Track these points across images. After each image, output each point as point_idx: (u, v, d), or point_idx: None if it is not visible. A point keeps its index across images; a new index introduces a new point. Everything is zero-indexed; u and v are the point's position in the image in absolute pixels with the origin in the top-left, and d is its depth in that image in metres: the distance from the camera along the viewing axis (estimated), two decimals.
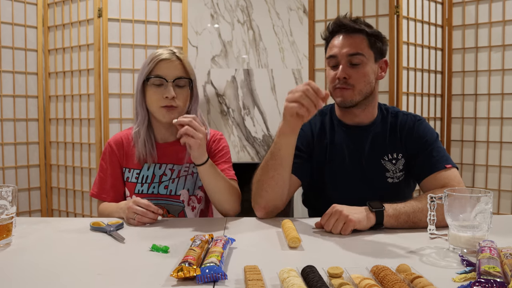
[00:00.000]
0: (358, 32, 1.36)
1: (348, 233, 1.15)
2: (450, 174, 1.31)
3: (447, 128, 2.69)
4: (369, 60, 1.36)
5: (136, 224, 1.26)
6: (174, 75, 1.37)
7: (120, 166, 1.48)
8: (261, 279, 0.79)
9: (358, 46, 1.35)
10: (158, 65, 1.37)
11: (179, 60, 1.39)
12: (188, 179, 1.46)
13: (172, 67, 1.37)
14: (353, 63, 1.35)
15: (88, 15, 2.61)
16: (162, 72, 1.36)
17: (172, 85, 1.36)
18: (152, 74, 1.36)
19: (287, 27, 3.36)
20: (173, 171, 1.45)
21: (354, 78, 1.35)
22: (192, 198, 1.46)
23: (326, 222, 1.17)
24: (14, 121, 2.69)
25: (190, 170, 1.47)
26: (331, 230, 1.16)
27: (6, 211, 1.05)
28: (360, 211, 1.18)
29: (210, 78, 3.35)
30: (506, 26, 2.46)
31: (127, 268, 0.92)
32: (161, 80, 1.36)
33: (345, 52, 1.35)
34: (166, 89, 1.36)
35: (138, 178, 1.45)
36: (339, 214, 1.15)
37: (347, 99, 1.37)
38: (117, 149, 1.48)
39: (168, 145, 1.47)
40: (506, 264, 0.82)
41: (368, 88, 1.37)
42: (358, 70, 1.35)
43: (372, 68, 1.38)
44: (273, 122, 3.37)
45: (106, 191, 1.47)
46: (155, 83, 1.37)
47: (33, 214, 2.78)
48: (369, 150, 1.41)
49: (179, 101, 1.38)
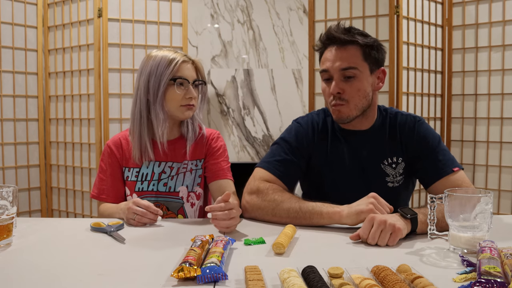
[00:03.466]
0: (351, 44, 1.31)
1: (395, 244, 1.06)
2: (458, 178, 1.31)
3: (447, 128, 2.69)
4: (363, 72, 1.31)
5: (136, 224, 1.26)
6: (193, 77, 1.44)
7: (120, 167, 1.50)
8: (262, 279, 0.79)
9: (350, 59, 1.30)
10: (181, 66, 1.42)
11: (193, 63, 1.46)
12: (187, 176, 1.48)
13: (190, 69, 1.44)
14: (346, 76, 1.31)
15: (88, 15, 2.61)
16: (184, 74, 1.42)
17: (192, 86, 1.43)
18: (176, 75, 1.41)
19: (287, 27, 3.36)
20: (172, 169, 1.47)
21: (348, 93, 1.31)
22: (191, 195, 1.48)
23: (370, 235, 1.06)
24: (14, 121, 2.68)
25: (189, 167, 1.49)
26: (377, 243, 1.05)
27: (7, 211, 1.05)
28: (398, 218, 1.09)
29: (210, 78, 3.35)
30: (506, 26, 2.46)
31: (128, 268, 0.92)
32: (184, 81, 1.42)
33: (338, 66, 1.30)
34: (188, 90, 1.42)
35: (137, 176, 1.47)
36: (384, 224, 1.05)
37: (343, 116, 1.35)
38: (116, 150, 1.50)
39: (169, 143, 1.49)
40: (506, 264, 0.82)
41: (365, 102, 1.34)
42: (352, 84, 1.31)
43: (368, 81, 1.33)
44: (273, 122, 3.38)
45: (106, 192, 1.48)
46: (179, 84, 1.42)
47: (33, 214, 2.78)
48: (369, 155, 1.40)
49: (196, 101, 1.45)
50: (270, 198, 1.29)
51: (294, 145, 1.42)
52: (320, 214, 1.20)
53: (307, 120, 1.47)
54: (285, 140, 1.43)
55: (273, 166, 1.38)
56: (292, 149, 1.41)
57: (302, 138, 1.43)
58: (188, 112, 1.44)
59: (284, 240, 1.01)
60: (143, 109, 1.43)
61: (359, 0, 2.51)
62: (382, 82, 1.39)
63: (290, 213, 1.24)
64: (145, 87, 1.41)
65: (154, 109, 1.42)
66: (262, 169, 1.38)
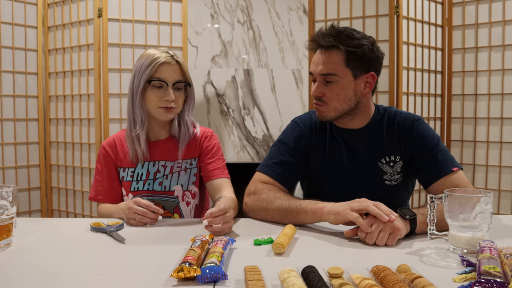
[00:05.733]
0: (334, 48, 1.31)
1: (394, 244, 1.06)
2: (458, 177, 1.31)
3: (447, 128, 2.69)
4: (343, 78, 1.32)
5: (136, 224, 1.26)
6: (174, 79, 1.41)
7: (116, 167, 1.50)
8: (262, 279, 0.79)
9: (330, 65, 1.31)
10: (160, 68, 1.39)
11: (178, 65, 1.42)
12: (182, 175, 1.48)
13: (172, 71, 1.40)
14: (326, 81, 1.33)
15: (88, 15, 2.61)
16: (163, 76, 1.39)
17: (172, 88, 1.40)
18: (153, 77, 1.39)
19: (287, 27, 3.36)
20: (166, 168, 1.48)
21: (327, 96, 1.34)
22: (186, 194, 1.48)
23: (368, 235, 1.06)
24: (14, 121, 2.69)
25: (183, 166, 1.49)
26: (375, 242, 1.05)
27: (7, 211, 1.05)
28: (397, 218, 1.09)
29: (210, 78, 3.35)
30: (506, 26, 2.46)
31: (128, 268, 0.92)
32: (162, 83, 1.39)
33: (319, 71, 1.33)
34: (166, 92, 1.39)
35: (133, 176, 1.48)
36: (383, 224, 1.06)
37: (322, 115, 1.37)
38: (111, 151, 1.50)
39: (160, 142, 1.50)
40: (506, 264, 0.82)
41: (345, 106, 1.35)
42: (331, 88, 1.33)
43: (350, 86, 1.33)
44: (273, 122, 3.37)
45: (103, 193, 1.49)
46: (155, 86, 1.40)
47: (33, 214, 2.78)
48: (366, 153, 1.40)
49: (177, 103, 1.42)
50: (264, 197, 1.31)
51: (292, 146, 1.42)
52: (305, 211, 1.21)
53: (305, 119, 1.48)
54: (283, 141, 1.44)
55: (270, 169, 1.39)
56: (289, 150, 1.42)
57: (300, 138, 1.43)
58: (167, 115, 1.42)
59: (284, 240, 1.01)
60: (130, 108, 1.45)
61: (359, 0, 2.51)
62: (370, 87, 1.37)
63: (281, 211, 1.26)
64: (130, 86, 1.43)
65: (134, 109, 1.43)
66: (261, 173, 1.40)
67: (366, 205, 1.09)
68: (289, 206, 1.24)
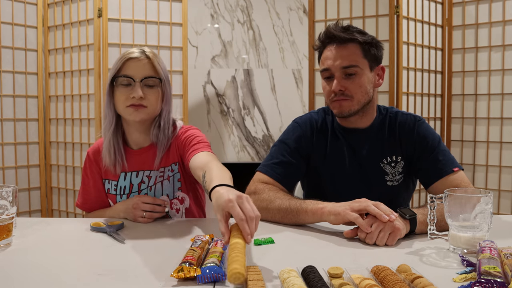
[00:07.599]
0: (351, 42, 1.32)
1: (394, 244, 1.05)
2: (458, 178, 1.31)
3: (447, 128, 2.69)
4: (364, 69, 1.33)
5: (146, 221, 1.28)
6: (142, 74, 1.31)
7: (101, 178, 1.44)
8: (262, 279, 0.79)
9: (351, 57, 1.32)
10: (126, 64, 1.31)
11: (148, 59, 1.32)
12: (165, 185, 1.39)
13: (140, 66, 1.31)
14: (348, 74, 1.33)
15: (88, 15, 2.61)
16: (129, 72, 1.30)
17: (140, 85, 1.30)
18: (119, 73, 1.31)
19: (287, 27, 3.36)
20: (151, 178, 1.39)
21: (350, 89, 1.33)
22: (174, 201, 1.41)
23: (368, 235, 1.06)
24: (14, 121, 2.68)
25: (166, 175, 1.39)
26: (375, 242, 1.05)
27: (7, 211, 1.05)
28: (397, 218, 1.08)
29: (210, 78, 3.35)
30: (506, 26, 2.46)
31: (128, 268, 0.92)
32: (129, 79, 1.30)
33: (339, 64, 1.32)
34: (133, 89, 1.29)
35: (116, 190, 1.41)
36: (383, 224, 1.05)
37: (345, 110, 1.36)
38: (94, 159, 1.44)
39: (143, 150, 1.41)
40: (506, 264, 0.82)
41: (366, 98, 1.36)
42: (354, 81, 1.33)
43: (368, 78, 1.35)
44: (273, 122, 3.38)
45: (90, 202, 1.45)
46: (122, 83, 1.31)
47: (33, 214, 2.78)
48: (368, 153, 1.40)
49: (148, 101, 1.31)
50: (264, 197, 1.30)
51: (292, 146, 1.42)
52: (305, 212, 1.21)
53: (305, 119, 1.48)
54: (283, 142, 1.44)
55: (270, 169, 1.39)
56: (290, 150, 1.42)
57: (300, 138, 1.43)
58: (136, 114, 1.30)
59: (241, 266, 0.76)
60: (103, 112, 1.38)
61: (359, 0, 2.51)
62: (382, 78, 1.41)
63: (281, 211, 1.25)
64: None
65: (106, 112, 1.35)
66: (261, 173, 1.40)
67: (366, 205, 1.09)
68: (289, 206, 1.24)
